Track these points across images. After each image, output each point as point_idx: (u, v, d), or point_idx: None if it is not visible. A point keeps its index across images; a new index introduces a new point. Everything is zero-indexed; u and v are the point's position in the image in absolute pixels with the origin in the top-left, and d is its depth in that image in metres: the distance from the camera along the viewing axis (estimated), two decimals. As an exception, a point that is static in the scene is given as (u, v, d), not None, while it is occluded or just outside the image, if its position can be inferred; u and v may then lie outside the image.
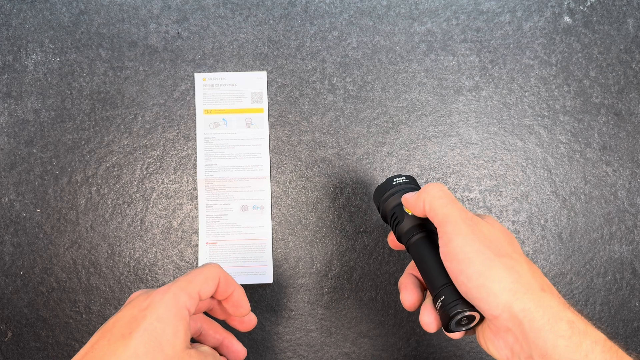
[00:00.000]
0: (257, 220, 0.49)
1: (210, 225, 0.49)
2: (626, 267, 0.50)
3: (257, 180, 0.50)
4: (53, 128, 0.49)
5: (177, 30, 0.50)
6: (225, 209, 0.49)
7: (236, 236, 0.49)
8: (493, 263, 0.30)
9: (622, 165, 0.51)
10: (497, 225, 0.34)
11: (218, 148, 0.49)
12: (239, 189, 0.49)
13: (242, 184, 0.49)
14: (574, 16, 0.52)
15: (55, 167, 0.49)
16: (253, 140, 0.50)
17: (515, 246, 0.33)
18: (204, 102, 0.49)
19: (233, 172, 0.49)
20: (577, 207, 0.50)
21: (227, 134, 0.49)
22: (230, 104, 0.50)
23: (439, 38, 0.51)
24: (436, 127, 0.50)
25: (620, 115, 0.51)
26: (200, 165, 0.49)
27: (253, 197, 0.50)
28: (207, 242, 0.49)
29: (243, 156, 0.49)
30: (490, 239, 0.32)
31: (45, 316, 0.48)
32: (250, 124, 0.50)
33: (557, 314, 0.29)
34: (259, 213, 0.50)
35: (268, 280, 0.49)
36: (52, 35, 0.50)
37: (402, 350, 0.49)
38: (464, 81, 0.51)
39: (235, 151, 0.49)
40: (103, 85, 0.49)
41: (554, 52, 0.51)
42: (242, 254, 0.49)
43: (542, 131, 0.51)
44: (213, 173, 0.49)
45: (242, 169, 0.49)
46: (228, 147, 0.49)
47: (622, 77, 0.51)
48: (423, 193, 0.34)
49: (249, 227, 0.49)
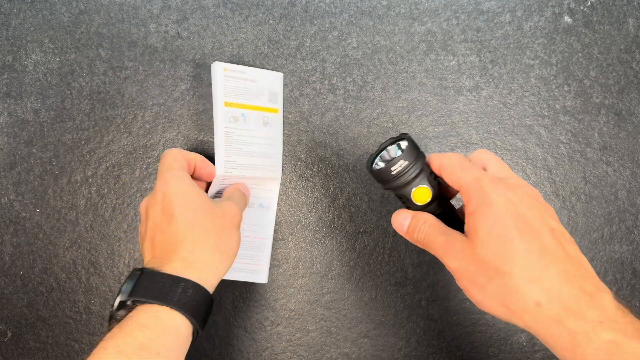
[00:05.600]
0: (260, 218, 0.48)
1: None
2: (626, 267, 0.50)
3: (269, 180, 0.49)
4: (53, 128, 0.49)
5: (177, 30, 0.50)
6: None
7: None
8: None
9: (623, 165, 0.51)
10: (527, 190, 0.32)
11: (237, 144, 0.46)
12: (249, 188, 0.48)
13: (254, 183, 0.48)
14: (574, 16, 0.52)
15: (55, 167, 0.49)
16: (268, 139, 0.48)
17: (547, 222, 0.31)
18: (225, 93, 0.45)
19: (249, 170, 0.47)
20: (578, 207, 0.50)
21: (246, 130, 0.46)
22: (249, 99, 0.47)
23: (439, 38, 0.51)
24: (436, 127, 0.50)
25: (620, 115, 0.51)
26: (219, 160, 0.45)
27: (261, 195, 0.49)
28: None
29: (258, 155, 0.47)
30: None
31: (45, 316, 0.48)
32: (266, 123, 0.48)
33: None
34: (263, 211, 0.49)
35: (262, 280, 0.48)
36: (51, 35, 0.50)
37: (403, 351, 0.49)
38: (464, 81, 0.51)
39: (252, 149, 0.47)
40: (103, 85, 0.49)
41: (554, 52, 0.51)
42: (241, 251, 0.47)
43: (543, 131, 0.51)
44: (232, 170, 0.46)
45: (256, 168, 0.47)
46: (246, 144, 0.46)
47: (622, 77, 0.51)
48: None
49: (251, 224, 0.48)
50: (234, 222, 0.40)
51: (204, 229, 0.38)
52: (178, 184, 0.39)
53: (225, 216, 0.40)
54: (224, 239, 0.39)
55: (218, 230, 0.39)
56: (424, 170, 0.36)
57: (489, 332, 0.49)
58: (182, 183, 0.39)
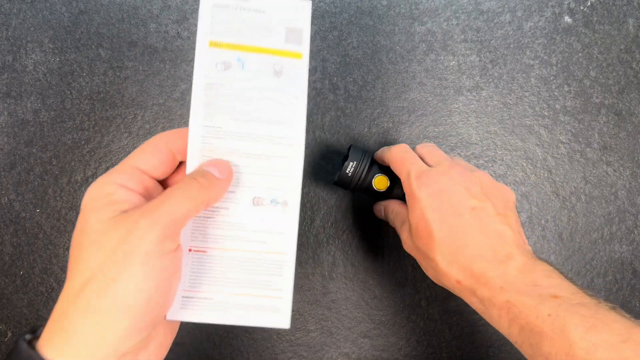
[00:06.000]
0: (275, 222, 0.32)
1: (199, 222, 0.32)
2: (626, 267, 0.50)
3: (282, 160, 0.32)
4: (53, 128, 0.49)
5: (177, 30, 0.50)
6: (225, 199, 0.32)
7: (238, 244, 0.32)
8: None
9: (623, 165, 0.51)
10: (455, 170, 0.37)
11: (226, 101, 0.32)
12: (252, 171, 0.32)
13: (257, 164, 0.32)
14: (574, 16, 0.52)
15: (55, 167, 0.49)
16: (281, 97, 0.32)
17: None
18: (212, 30, 0.32)
19: (246, 142, 0.32)
20: (578, 207, 0.50)
21: (242, 81, 0.32)
22: (253, 38, 0.32)
23: (439, 38, 0.51)
24: (436, 127, 0.50)
25: (620, 115, 0.51)
26: (193, 125, 0.31)
27: (273, 185, 0.32)
28: (190, 247, 0.32)
29: (263, 119, 0.32)
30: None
31: (45, 316, 0.48)
32: (279, 73, 0.32)
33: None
34: (279, 211, 0.33)
35: (283, 324, 0.32)
36: (51, 35, 0.50)
37: (403, 351, 0.49)
38: (464, 81, 0.51)
39: (252, 109, 0.32)
40: (103, 85, 0.49)
41: (554, 52, 0.51)
42: (245, 275, 0.32)
43: (543, 131, 0.51)
44: (214, 141, 0.31)
45: (260, 140, 0.32)
46: (242, 102, 0.32)
47: (622, 77, 0.51)
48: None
49: (261, 231, 0.32)
50: (145, 244, 0.25)
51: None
52: (79, 228, 0.28)
53: (128, 241, 0.25)
54: (117, 286, 0.25)
55: (106, 271, 0.25)
56: (374, 163, 0.43)
57: (489, 332, 0.49)
58: (85, 227, 0.27)
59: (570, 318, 0.27)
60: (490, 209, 0.35)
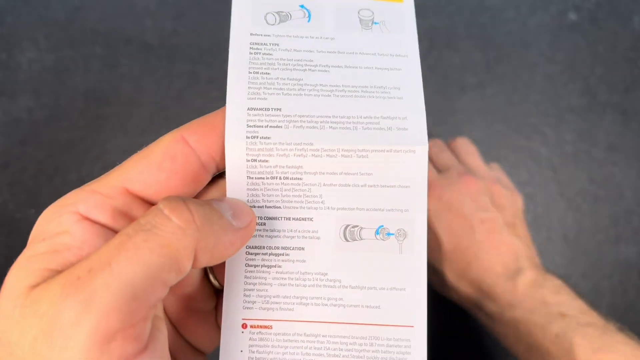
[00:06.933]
0: (388, 269, 0.19)
1: (254, 277, 0.19)
2: (632, 268, 0.49)
3: (395, 155, 0.19)
4: (47, 126, 0.48)
5: (173, 27, 0.49)
6: (294, 231, 0.20)
7: (329, 311, 0.19)
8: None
9: (629, 165, 0.50)
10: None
11: (283, 70, 0.20)
12: (338, 181, 0.19)
13: (347, 166, 0.19)
14: (579, 13, 0.51)
15: (50, 166, 0.48)
16: (380, 58, 0.21)
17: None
18: None
19: (325, 132, 0.19)
20: (583, 208, 0.50)
21: (310, 39, 0.21)
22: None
23: (442, 34, 0.50)
24: (440, 126, 0.50)
25: (626, 114, 0.50)
26: (231, 110, 0.19)
27: (379, 205, 0.19)
28: (244, 321, 0.19)
29: (353, 93, 0.20)
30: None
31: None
32: (371, 24, 0.21)
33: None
34: (392, 249, 0.19)
35: None
36: (46, 32, 0.49)
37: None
38: (468, 78, 0.50)
39: (330, 82, 0.20)
40: (98, 83, 0.49)
41: (559, 49, 0.51)
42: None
43: (548, 130, 0.50)
44: (268, 132, 0.19)
45: (350, 127, 0.19)
46: (312, 72, 0.20)
47: (628, 76, 0.51)
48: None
49: (364, 288, 0.19)
50: (73, 353, 0.14)
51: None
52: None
53: (45, 348, 0.14)
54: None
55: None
56: None
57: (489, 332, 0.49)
58: (3, 293, 0.17)
59: (578, 339, 0.28)
60: (500, 221, 0.34)
